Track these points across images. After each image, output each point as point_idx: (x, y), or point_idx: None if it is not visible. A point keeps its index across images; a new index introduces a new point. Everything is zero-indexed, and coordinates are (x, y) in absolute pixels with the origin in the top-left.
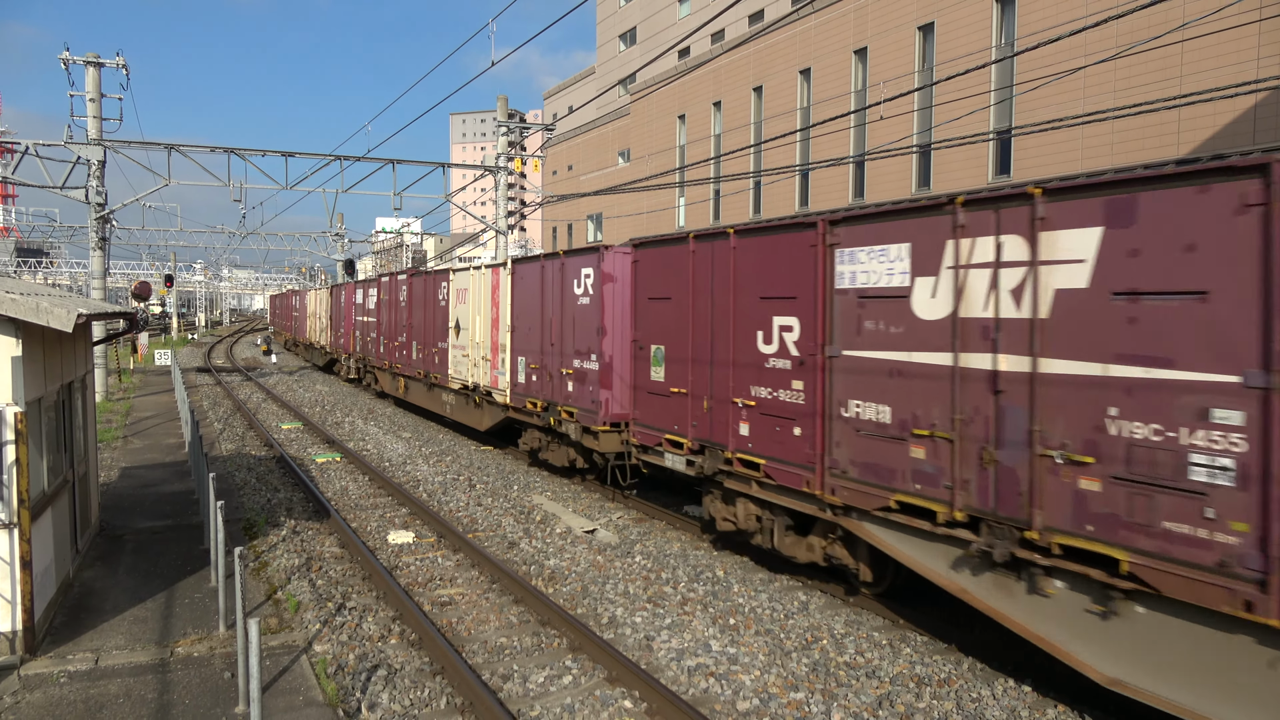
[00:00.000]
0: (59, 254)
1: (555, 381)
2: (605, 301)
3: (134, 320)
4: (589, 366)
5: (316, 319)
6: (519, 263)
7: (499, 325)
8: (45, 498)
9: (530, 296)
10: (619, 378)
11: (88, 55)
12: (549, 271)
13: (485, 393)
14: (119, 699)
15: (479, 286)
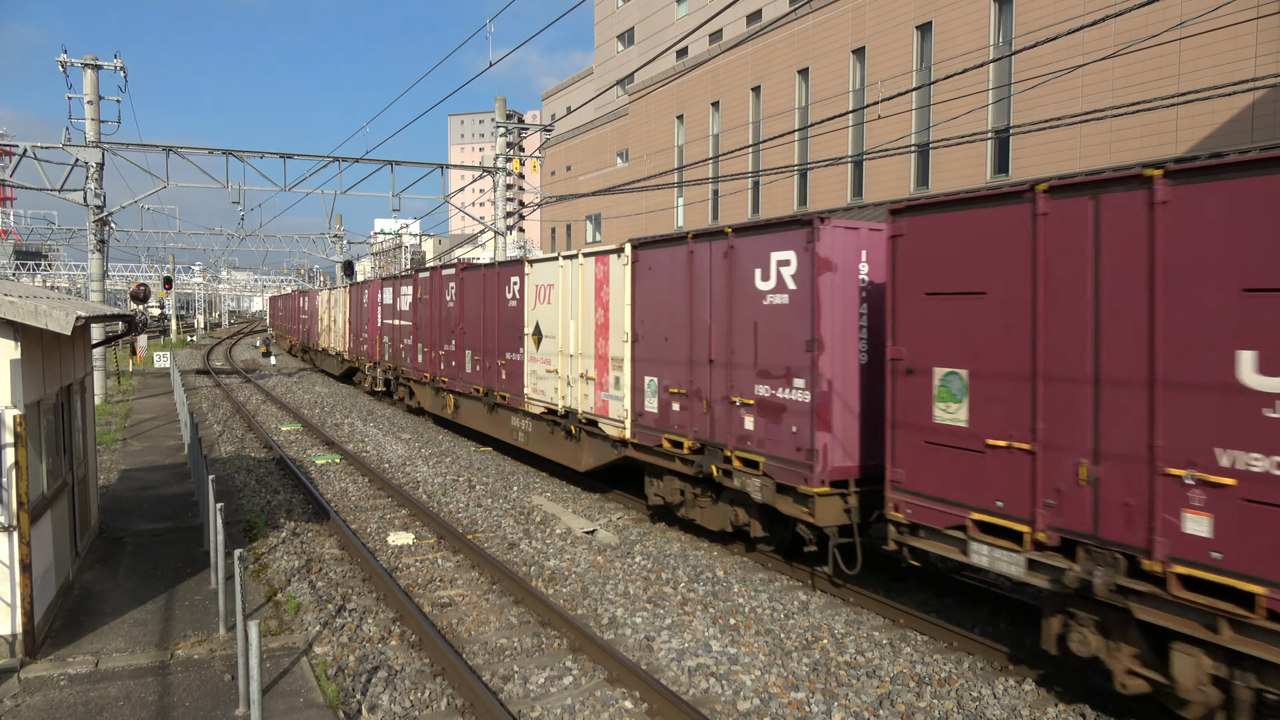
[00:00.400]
0: (57, 256)
1: (718, 414)
2: (821, 300)
3: (133, 322)
4: (790, 397)
5: (331, 322)
6: (647, 247)
7: (610, 332)
8: (45, 500)
9: (668, 293)
10: (844, 413)
11: (86, 58)
12: (703, 258)
13: (586, 421)
14: (119, 701)
15: (574, 282)
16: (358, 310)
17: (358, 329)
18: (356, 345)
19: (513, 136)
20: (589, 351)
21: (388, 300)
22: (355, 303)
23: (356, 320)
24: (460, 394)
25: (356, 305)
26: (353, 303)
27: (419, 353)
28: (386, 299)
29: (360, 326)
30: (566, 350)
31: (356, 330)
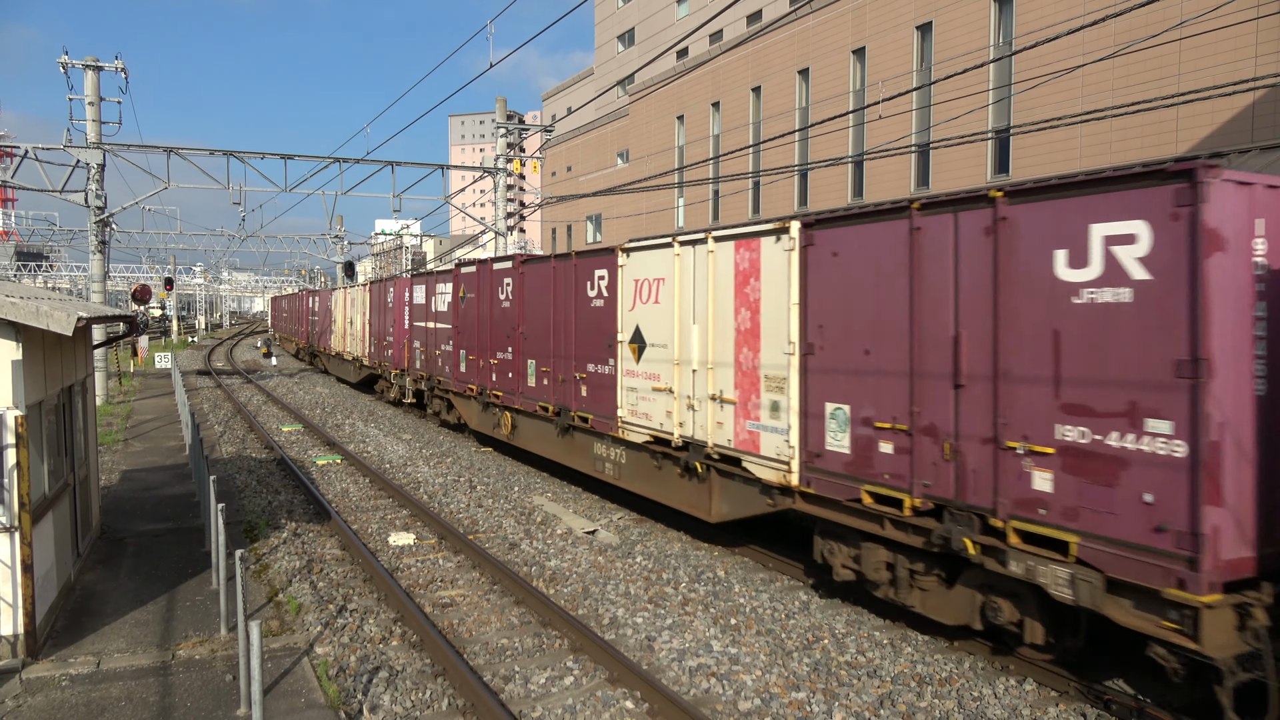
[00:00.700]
0: (59, 257)
1: (973, 462)
2: (1209, 296)
3: (134, 323)
4: (1138, 447)
5: (347, 324)
6: (830, 225)
7: (761, 341)
8: (46, 501)
9: (869, 288)
10: (1240, 474)
11: (86, 59)
12: (940, 236)
13: (719, 458)
14: (120, 702)
15: (698, 274)
16: (381, 311)
17: (380, 332)
18: (379, 350)
19: (513, 137)
20: (725, 366)
21: (419, 300)
22: (378, 303)
23: (379, 322)
24: (520, 412)
25: (379, 305)
26: (375, 302)
27: (461, 361)
28: (418, 298)
29: (384, 329)
30: (685, 362)
31: (379, 333)
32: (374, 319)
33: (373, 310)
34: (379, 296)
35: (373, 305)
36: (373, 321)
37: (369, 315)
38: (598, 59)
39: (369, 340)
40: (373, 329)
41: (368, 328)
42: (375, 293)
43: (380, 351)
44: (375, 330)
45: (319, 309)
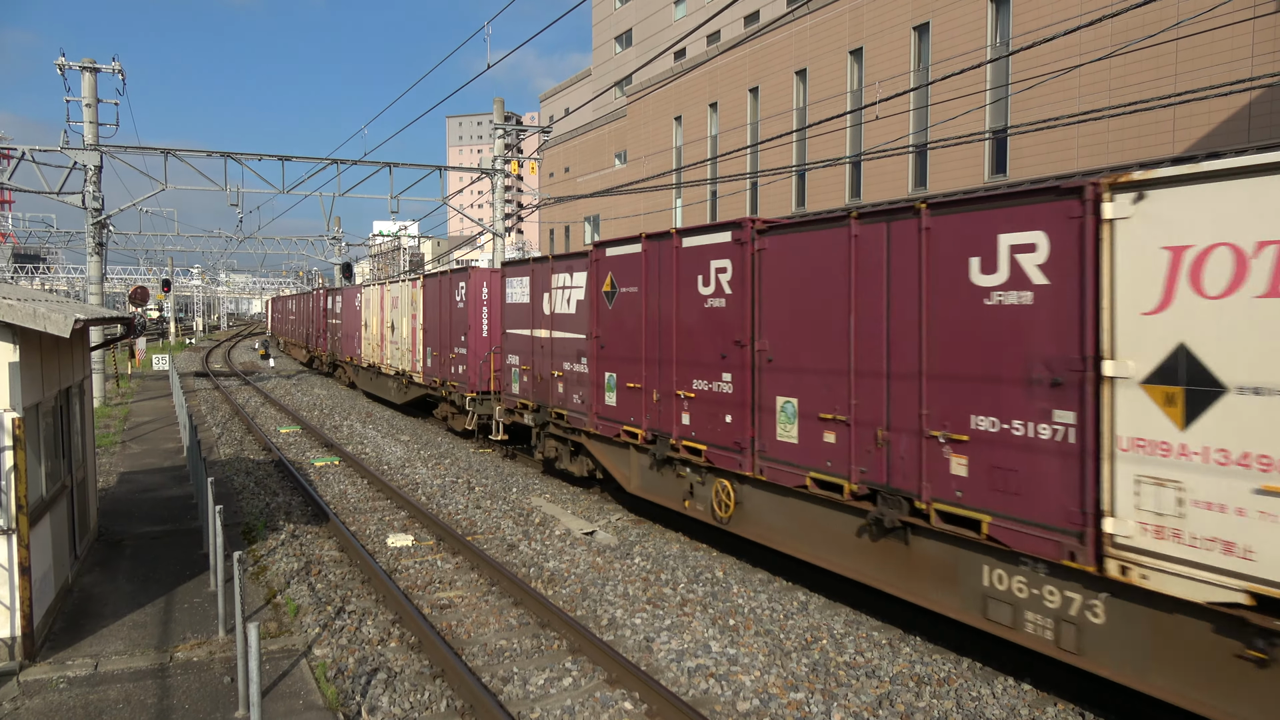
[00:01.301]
0: (56, 259)
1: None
2: None
3: (131, 325)
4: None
5: (384, 329)
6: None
7: None
8: (43, 503)
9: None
10: None
11: (84, 61)
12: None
13: None
14: (118, 704)
15: None
16: (444, 312)
17: (444, 340)
18: (441, 365)
19: (511, 138)
20: None
21: (518, 297)
22: (439, 301)
23: (441, 327)
24: (758, 484)
25: (441, 305)
26: (434, 301)
27: (608, 387)
28: (515, 295)
29: (449, 336)
30: None
31: (441, 341)
32: (433, 323)
33: (430, 312)
34: (440, 294)
35: (430, 305)
36: (430, 327)
37: (422, 318)
38: (595, 60)
39: (422, 351)
40: (430, 336)
41: (420, 335)
42: (434, 289)
43: (444, 367)
44: (435, 338)
45: (342, 310)
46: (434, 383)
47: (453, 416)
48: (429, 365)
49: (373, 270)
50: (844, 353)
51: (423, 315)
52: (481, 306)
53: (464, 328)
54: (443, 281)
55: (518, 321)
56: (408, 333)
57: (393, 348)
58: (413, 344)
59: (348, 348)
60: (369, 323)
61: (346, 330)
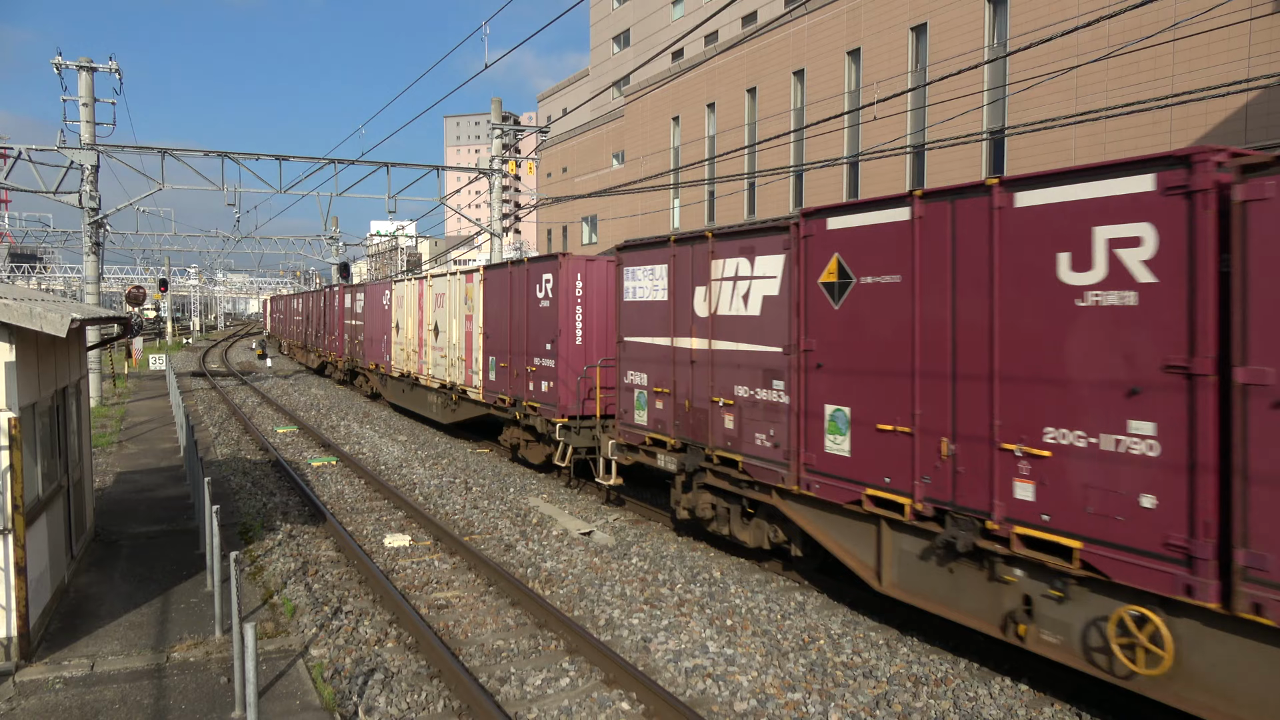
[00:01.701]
0: (52, 259)
1: None
2: None
3: (128, 325)
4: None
5: (426, 333)
6: None
7: None
8: (40, 504)
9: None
10: None
11: (80, 60)
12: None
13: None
14: (115, 705)
15: None
16: (520, 312)
17: (517, 348)
18: (511, 379)
19: (508, 138)
20: None
21: (646, 294)
22: (511, 299)
23: (514, 332)
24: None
25: (515, 303)
26: (507, 298)
27: (824, 428)
28: (640, 291)
29: (527, 344)
30: None
31: (513, 350)
32: (499, 326)
33: (495, 312)
34: (511, 290)
35: (495, 304)
36: (495, 331)
37: (481, 320)
38: (593, 60)
39: (483, 362)
40: (495, 343)
41: (479, 341)
42: (501, 284)
43: (517, 382)
44: (503, 345)
45: (365, 310)
46: (499, 401)
47: (526, 445)
48: (492, 379)
49: (370, 270)
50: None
51: (482, 316)
52: (575, 306)
53: (550, 333)
54: (515, 274)
55: (644, 326)
56: (459, 338)
57: (436, 355)
58: (466, 352)
59: (372, 354)
60: (402, 325)
61: (371, 333)
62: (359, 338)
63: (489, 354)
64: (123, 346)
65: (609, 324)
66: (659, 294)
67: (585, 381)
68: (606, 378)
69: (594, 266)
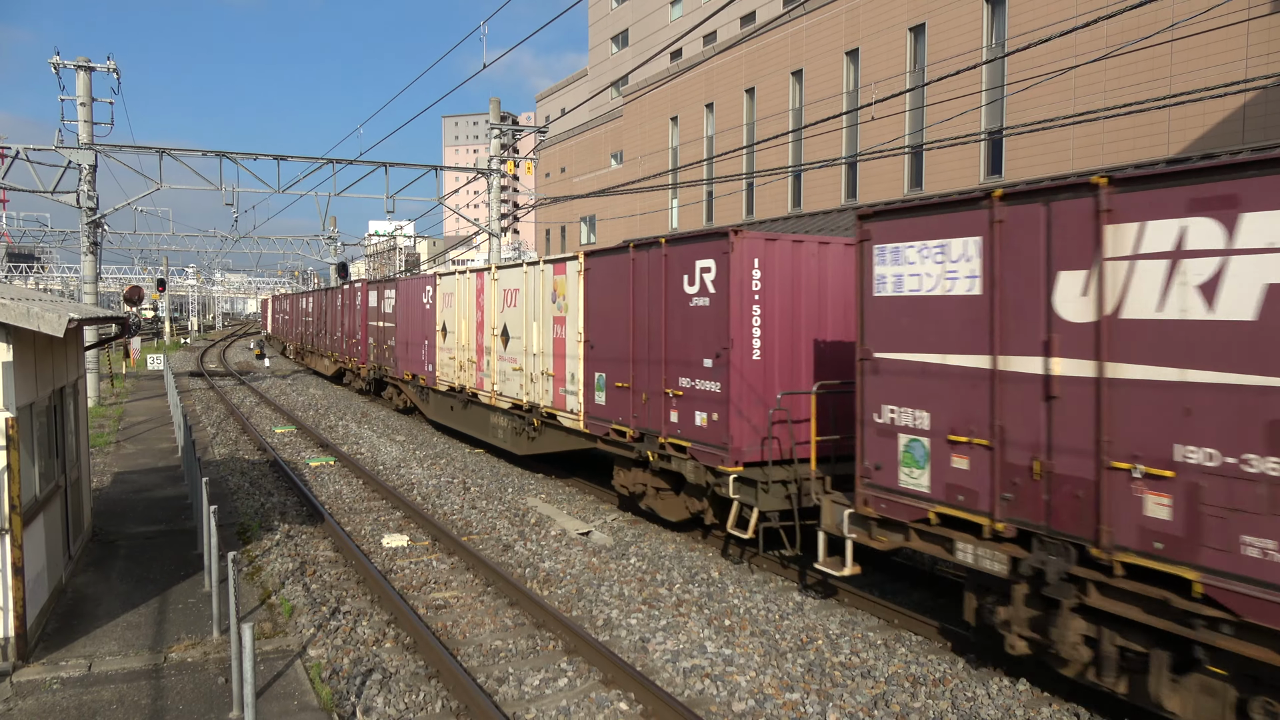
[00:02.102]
0: (50, 259)
1: None
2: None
3: (126, 325)
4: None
5: (482, 337)
6: None
7: None
8: (37, 504)
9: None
10: None
11: (78, 59)
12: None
13: None
14: (112, 705)
15: None
16: (650, 312)
17: (642, 356)
18: (636, 404)
19: (507, 138)
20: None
21: (933, 282)
22: (633, 294)
23: (637, 338)
24: None
25: (639, 300)
26: (626, 293)
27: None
28: (920, 276)
29: (667, 354)
30: None
31: (635, 358)
32: (612, 331)
33: (604, 312)
34: (633, 281)
35: (603, 301)
36: (604, 338)
37: (582, 324)
38: (591, 60)
39: (584, 379)
40: (604, 353)
41: (579, 350)
42: (618, 274)
43: (646, 409)
44: (619, 355)
45: (398, 309)
46: (614, 434)
47: (657, 495)
48: (601, 403)
49: (368, 270)
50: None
51: (584, 319)
52: (750, 304)
53: (712, 343)
54: (644, 261)
55: (923, 336)
56: (542, 346)
57: (505, 367)
58: (556, 365)
59: (408, 362)
60: (451, 328)
61: (406, 337)
62: (388, 343)
63: (594, 369)
64: (120, 346)
65: (798, 331)
66: (959, 285)
67: (778, 414)
68: (797, 408)
69: (776, 249)
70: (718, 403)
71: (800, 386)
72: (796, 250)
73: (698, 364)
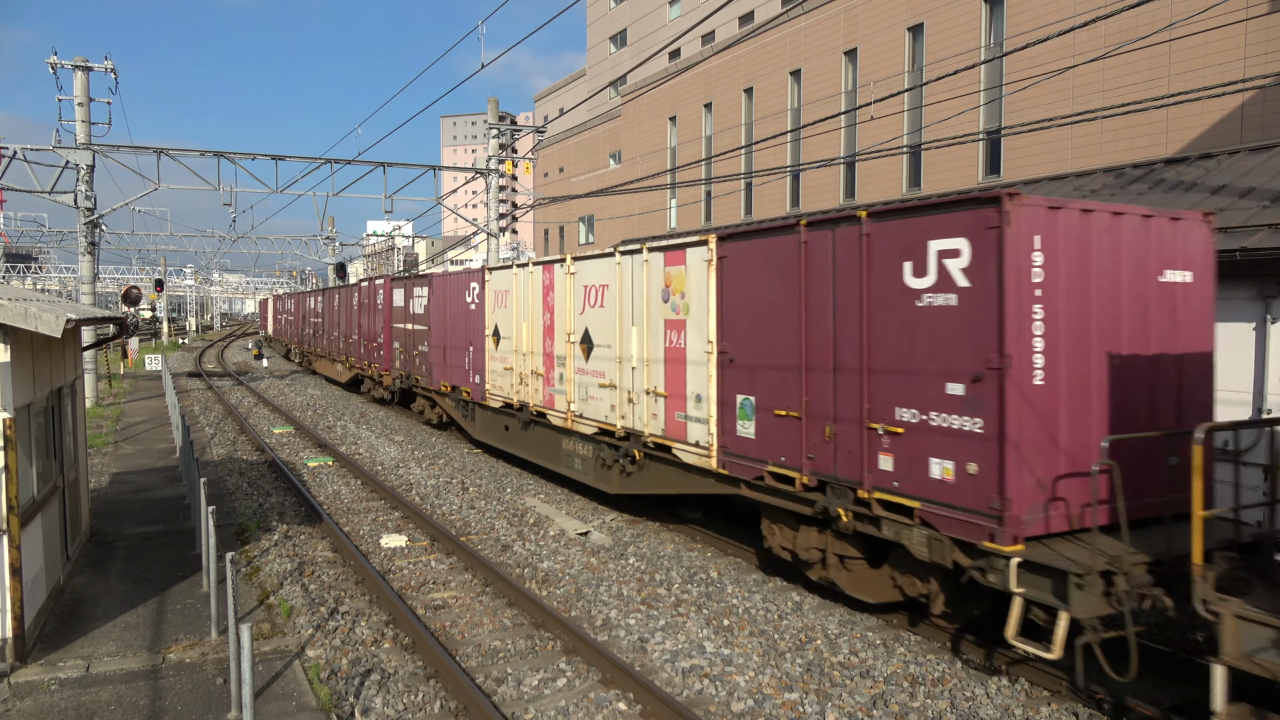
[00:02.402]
0: (48, 259)
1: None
2: None
3: (124, 325)
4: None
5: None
6: None
7: None
8: (35, 504)
9: None
10: None
11: (76, 59)
12: None
13: None
14: (110, 706)
15: None
16: (861, 309)
17: (854, 385)
18: (813, 442)
19: (505, 138)
20: None
21: None
22: (834, 276)
23: (852, 347)
24: None
25: (841, 284)
26: (844, 277)
27: None
28: None
29: (875, 377)
30: None
31: (835, 387)
32: (765, 336)
33: (766, 310)
34: (809, 265)
35: (766, 292)
36: (751, 345)
37: (712, 327)
38: (590, 60)
39: (716, 401)
40: (749, 371)
41: (707, 362)
42: (778, 257)
43: (830, 447)
44: (779, 374)
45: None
46: (765, 479)
47: (844, 564)
48: (747, 435)
49: (367, 270)
50: None
51: (715, 323)
52: (1030, 302)
53: (970, 358)
54: (815, 244)
55: None
56: (650, 356)
57: (588, 383)
58: (670, 381)
59: (446, 371)
60: (507, 332)
61: (443, 341)
62: (419, 348)
63: (734, 390)
64: (118, 347)
65: (1088, 341)
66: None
67: (1102, 468)
68: (1084, 453)
69: (1061, 222)
70: (978, 447)
71: (1092, 419)
72: (1085, 224)
73: (934, 389)
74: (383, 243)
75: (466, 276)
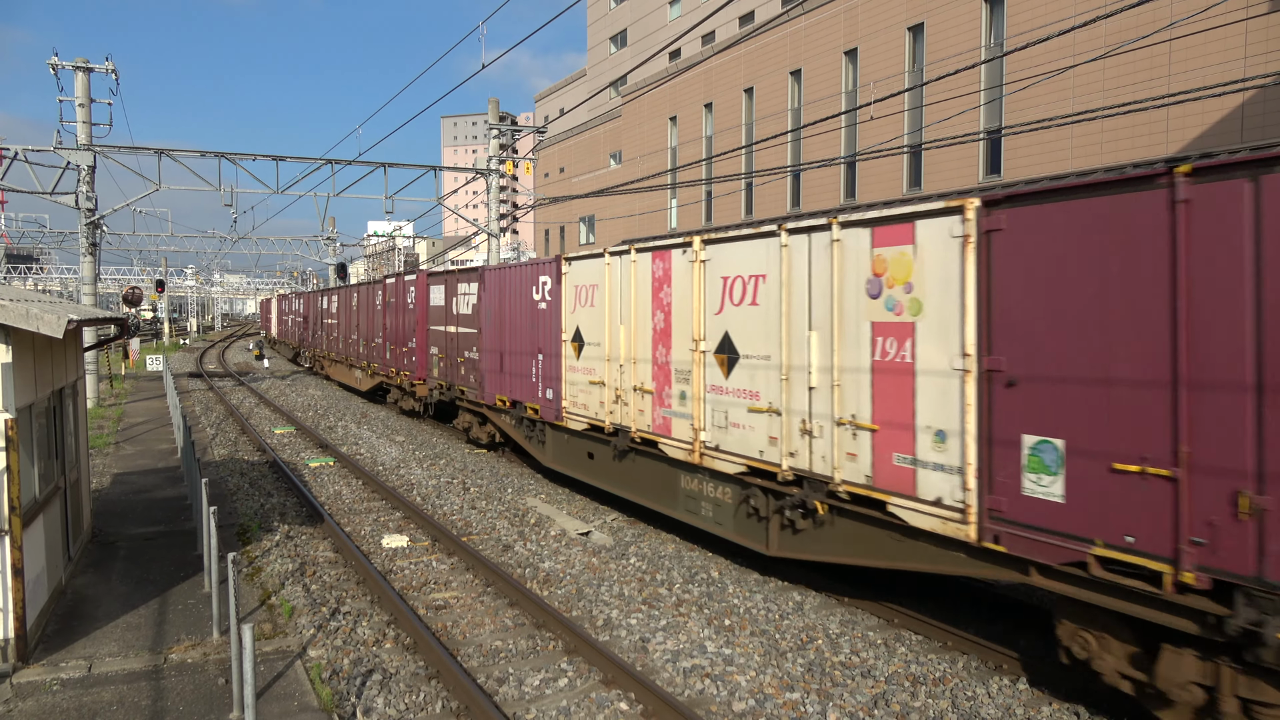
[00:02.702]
0: (49, 260)
1: None
2: None
3: (125, 326)
4: None
5: (665, 350)
6: None
7: None
8: (36, 505)
9: None
10: None
11: (76, 60)
12: None
13: None
14: (112, 706)
15: None
16: None
17: None
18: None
19: (506, 138)
20: None
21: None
22: None
23: None
24: None
25: None
26: None
27: None
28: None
29: None
30: None
31: None
32: (1191, 345)
33: (1133, 306)
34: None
35: (1132, 280)
36: (1082, 359)
37: (967, 333)
38: (590, 60)
39: (978, 442)
40: (1081, 407)
41: (963, 384)
42: (1134, 232)
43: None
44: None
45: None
46: (1104, 565)
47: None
48: (1051, 497)
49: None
50: None
51: (975, 328)
52: None
53: None
54: (1200, 204)
55: None
56: (850, 366)
57: (731, 407)
58: (880, 408)
59: (504, 382)
60: (594, 337)
61: (500, 345)
62: (465, 354)
63: (1015, 424)
64: (119, 347)
65: None
66: None
67: None
68: None
69: None
70: None
71: None
72: None
73: None
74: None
75: (534, 269)
